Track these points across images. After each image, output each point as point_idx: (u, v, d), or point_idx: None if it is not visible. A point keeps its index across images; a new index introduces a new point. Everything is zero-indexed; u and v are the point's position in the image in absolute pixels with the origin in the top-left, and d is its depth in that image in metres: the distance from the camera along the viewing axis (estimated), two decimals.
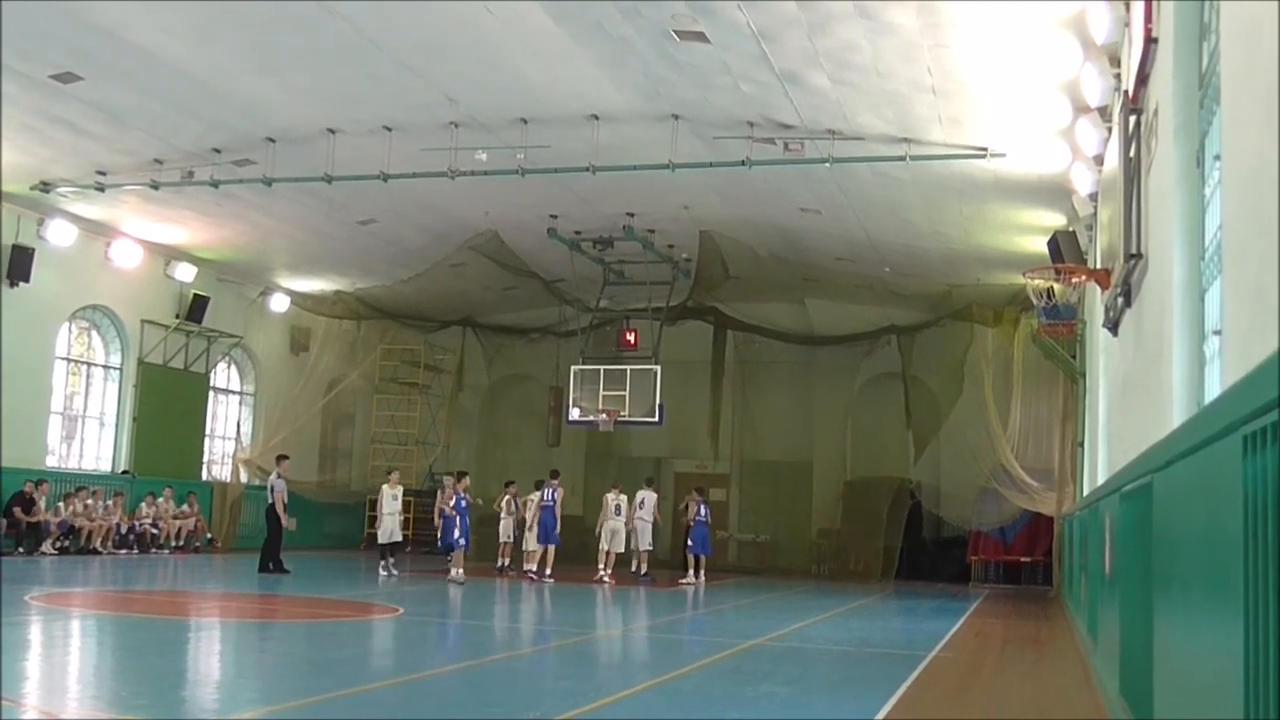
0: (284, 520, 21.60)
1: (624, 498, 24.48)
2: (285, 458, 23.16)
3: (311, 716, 8.18)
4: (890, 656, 13.52)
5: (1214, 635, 3.76)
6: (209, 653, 12.48)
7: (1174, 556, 4.99)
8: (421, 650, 13.15)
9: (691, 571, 24.47)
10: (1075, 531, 18.31)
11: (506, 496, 25.07)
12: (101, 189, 21.56)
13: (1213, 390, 6.60)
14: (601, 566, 23.54)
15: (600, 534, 24.16)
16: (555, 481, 24.26)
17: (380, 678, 10.21)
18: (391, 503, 22.65)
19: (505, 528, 24.89)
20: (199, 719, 7.97)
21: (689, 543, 24.94)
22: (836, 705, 9.77)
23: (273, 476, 22.41)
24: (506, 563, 24.85)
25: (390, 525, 22.52)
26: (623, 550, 24.22)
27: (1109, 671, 9.06)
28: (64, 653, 11.47)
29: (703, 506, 25.25)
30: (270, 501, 21.97)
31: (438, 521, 22.27)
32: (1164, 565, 5.38)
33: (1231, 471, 3.33)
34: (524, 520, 24.10)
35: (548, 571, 23.23)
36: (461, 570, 21.23)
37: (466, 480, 22.35)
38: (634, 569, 24.82)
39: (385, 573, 21.83)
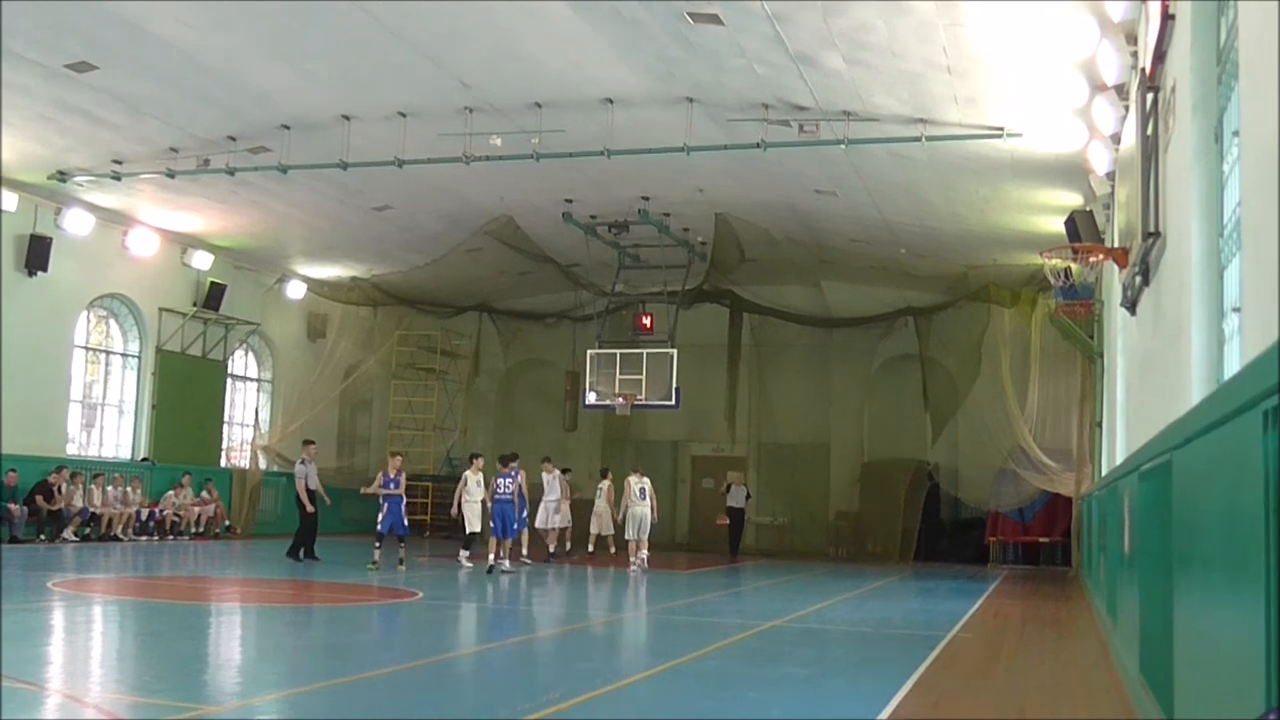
0: (308, 506, 21.33)
1: (646, 481, 23.97)
2: (311, 443, 22.69)
3: (332, 700, 8.22)
4: (909, 638, 13.53)
5: (1235, 613, 3.75)
6: (230, 637, 12.55)
7: (1194, 534, 4.98)
8: (442, 634, 13.20)
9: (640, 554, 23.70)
10: (1094, 512, 18.26)
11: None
12: (118, 178, 21.63)
13: (1232, 368, 6.56)
14: (631, 556, 23.02)
15: (624, 520, 23.68)
16: (514, 465, 22.36)
17: (400, 661, 10.25)
18: (476, 490, 21.23)
19: (564, 514, 25.09)
20: (220, 703, 8.02)
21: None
22: (855, 686, 9.77)
23: (298, 463, 22.12)
24: (568, 547, 25.13)
25: (472, 514, 21.22)
26: (648, 535, 23.52)
27: (1129, 651, 9.04)
28: (86, 638, 11.55)
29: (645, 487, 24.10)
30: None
31: (454, 512, 21.58)
32: (1183, 543, 5.36)
33: (1252, 447, 3.31)
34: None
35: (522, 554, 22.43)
36: (507, 560, 20.62)
37: (480, 462, 21.69)
38: (559, 547, 24.73)
39: (469, 564, 20.90)
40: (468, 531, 21.34)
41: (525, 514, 21.86)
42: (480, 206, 24.69)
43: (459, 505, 21.32)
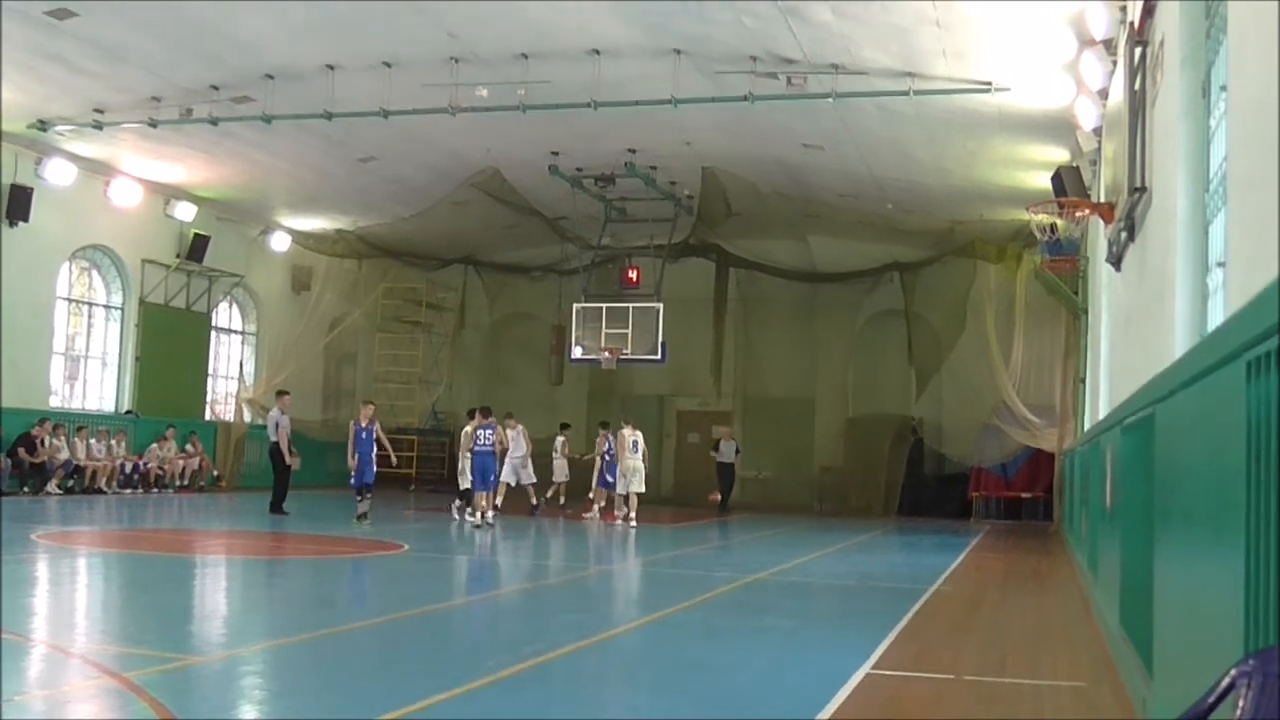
0: (288, 459, 21.05)
1: (639, 434, 23.67)
2: (286, 393, 22.45)
3: (318, 650, 8.26)
4: (892, 590, 13.63)
5: (1215, 564, 3.78)
6: (215, 589, 12.58)
7: (1176, 487, 5.01)
8: (428, 586, 13.24)
9: (605, 506, 23.96)
10: (1076, 466, 18.37)
11: (561, 438, 25.32)
12: (99, 127, 21.43)
13: (1215, 322, 6.58)
14: (626, 509, 22.69)
15: (619, 474, 23.38)
16: (488, 419, 21.22)
17: (386, 612, 10.28)
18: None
19: (560, 468, 25.11)
20: (206, 653, 8.04)
21: (609, 478, 24.10)
22: (840, 637, 9.85)
23: (274, 413, 21.64)
24: (562, 501, 25.18)
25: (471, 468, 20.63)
26: (643, 490, 23.24)
27: (1109, 604, 9.13)
28: (71, 589, 11.56)
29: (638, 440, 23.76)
30: (274, 440, 21.25)
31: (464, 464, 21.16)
32: (1165, 496, 5.40)
33: (1234, 398, 3.33)
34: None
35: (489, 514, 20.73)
36: (491, 511, 20.33)
37: (480, 418, 21.35)
38: (552, 499, 24.88)
39: (461, 517, 20.55)
40: (463, 487, 21.18)
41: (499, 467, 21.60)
42: (466, 158, 24.56)
43: (462, 460, 21.16)
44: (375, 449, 19.89)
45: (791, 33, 16.33)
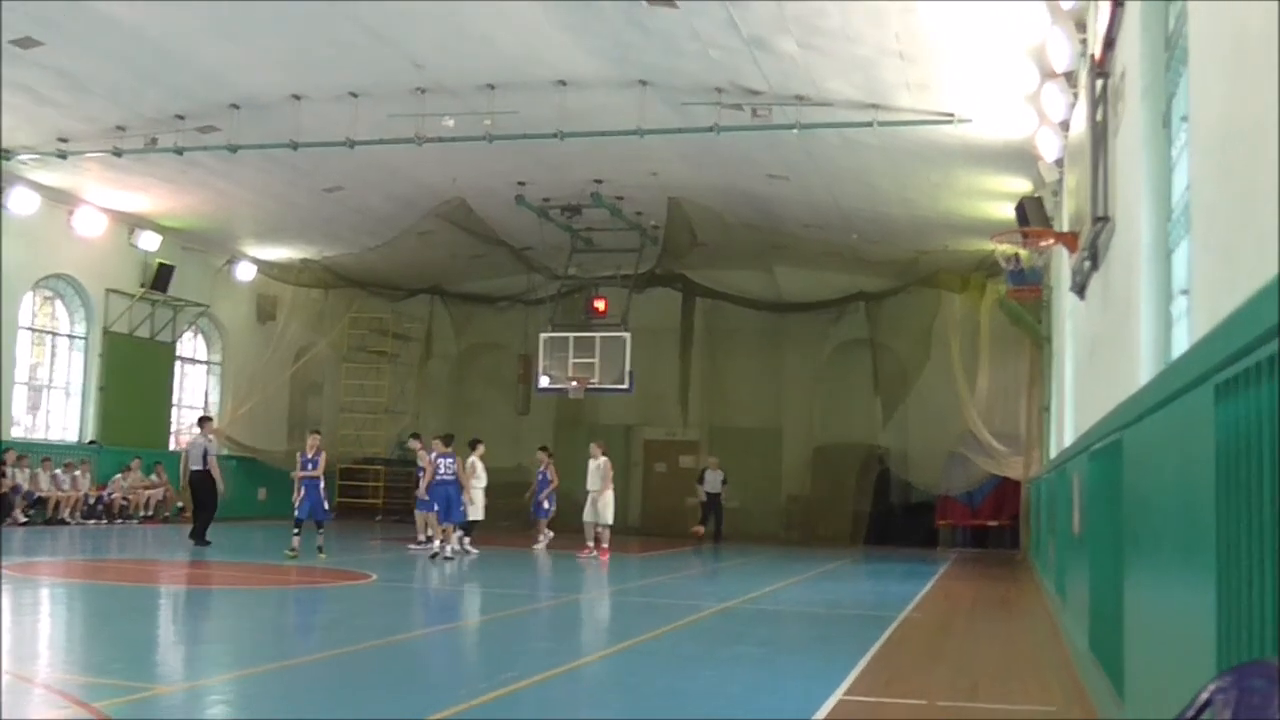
0: (220, 484, 20.65)
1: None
2: (210, 419, 22.30)
3: (288, 680, 8.20)
4: (861, 618, 13.67)
5: (1186, 585, 3.83)
6: (183, 619, 12.47)
7: (1145, 510, 5.07)
8: (397, 615, 13.18)
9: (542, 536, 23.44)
10: (1043, 494, 18.51)
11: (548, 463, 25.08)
12: (63, 156, 21.30)
13: (1180, 350, 6.67)
14: (603, 542, 21.88)
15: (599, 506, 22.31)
16: (449, 448, 20.52)
17: (356, 642, 10.22)
18: (482, 476, 20.85)
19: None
20: (173, 682, 7.98)
21: (545, 505, 23.63)
22: (810, 665, 9.87)
23: (199, 439, 21.18)
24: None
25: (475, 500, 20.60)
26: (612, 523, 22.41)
27: (1078, 628, 9.19)
28: (34, 620, 11.43)
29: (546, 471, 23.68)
30: (195, 468, 20.63)
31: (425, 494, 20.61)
32: (1135, 520, 5.46)
33: (1203, 421, 3.39)
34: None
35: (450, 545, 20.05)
36: (448, 545, 19.77)
37: (482, 448, 21.28)
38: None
39: (463, 547, 20.02)
40: (470, 518, 20.73)
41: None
42: (432, 188, 24.55)
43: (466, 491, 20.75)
44: (321, 479, 19.36)
45: (757, 65, 16.47)
